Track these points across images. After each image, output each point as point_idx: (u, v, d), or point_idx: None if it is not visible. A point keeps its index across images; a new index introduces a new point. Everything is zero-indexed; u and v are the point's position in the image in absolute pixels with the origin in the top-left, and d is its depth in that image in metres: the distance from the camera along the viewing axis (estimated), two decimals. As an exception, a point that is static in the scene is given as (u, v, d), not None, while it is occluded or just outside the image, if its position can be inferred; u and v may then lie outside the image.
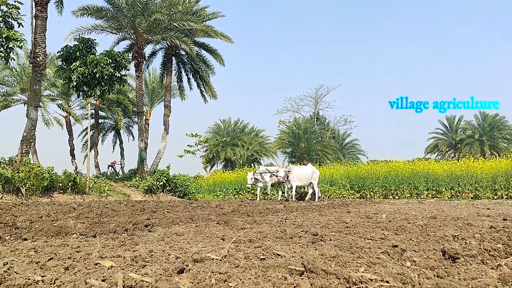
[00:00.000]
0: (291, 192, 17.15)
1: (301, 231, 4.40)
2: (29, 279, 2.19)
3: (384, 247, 3.23)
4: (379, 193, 22.66)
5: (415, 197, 21.43)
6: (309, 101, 52.52)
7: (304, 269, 2.38)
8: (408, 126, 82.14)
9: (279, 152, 44.14)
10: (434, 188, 21.81)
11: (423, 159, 27.47)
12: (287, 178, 16.66)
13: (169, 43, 25.49)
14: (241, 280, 2.20)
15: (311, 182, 17.49)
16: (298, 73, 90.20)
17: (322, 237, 3.86)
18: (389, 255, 2.98)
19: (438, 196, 21.36)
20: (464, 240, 3.76)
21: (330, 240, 3.78)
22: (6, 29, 13.88)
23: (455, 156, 45.23)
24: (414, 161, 25.25)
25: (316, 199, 17.65)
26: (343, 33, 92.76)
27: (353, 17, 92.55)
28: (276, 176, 17.48)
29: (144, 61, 25.24)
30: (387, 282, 2.16)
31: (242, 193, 25.46)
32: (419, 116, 76.31)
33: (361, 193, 23.27)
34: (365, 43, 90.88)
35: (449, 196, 20.98)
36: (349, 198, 21.98)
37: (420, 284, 2.19)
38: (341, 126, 50.97)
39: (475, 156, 28.50)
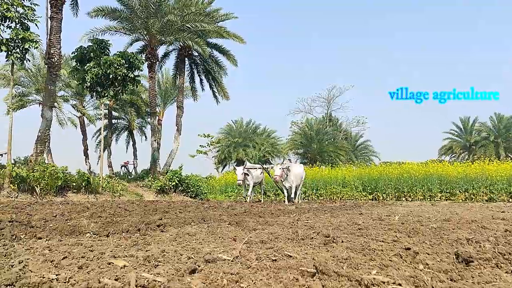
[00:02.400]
0: (289, 192, 15.20)
1: (313, 233, 4.39)
2: (44, 277, 2.22)
3: (396, 250, 3.21)
4: (391, 195, 22.51)
5: (429, 199, 21.24)
6: (321, 102, 52.31)
7: (315, 270, 2.37)
8: (421, 128, 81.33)
9: (291, 153, 44.05)
10: (448, 190, 21.60)
11: (437, 161, 27.23)
12: (286, 176, 14.88)
13: (182, 44, 25.60)
14: (252, 281, 2.21)
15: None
16: (311, 74, 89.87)
17: (334, 239, 3.85)
18: (401, 257, 2.96)
19: (452, 198, 21.16)
20: (478, 243, 3.72)
21: (342, 242, 3.77)
22: (22, 30, 14.07)
23: (469, 158, 44.70)
24: (428, 163, 25.03)
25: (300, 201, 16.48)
26: (355, 33, 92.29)
27: (361, 16, 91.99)
28: (269, 174, 15.96)
29: (157, 62, 25.40)
30: (400, 285, 2.14)
31: (254, 194, 25.46)
32: (433, 117, 75.40)
33: (373, 194, 23.13)
34: (375, 43, 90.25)
35: (463, 199, 20.75)
36: (361, 200, 21.85)
37: (433, 287, 2.17)
38: (353, 127, 50.72)
39: (490, 158, 28.16)
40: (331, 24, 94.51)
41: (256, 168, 16.60)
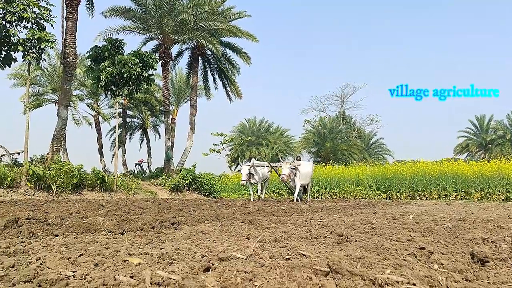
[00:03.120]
0: (297, 190, 14.46)
1: (326, 232, 4.39)
2: (61, 274, 2.25)
3: (410, 249, 3.19)
4: (405, 194, 22.34)
5: (443, 199, 21.03)
6: (335, 100, 52.25)
7: (329, 269, 2.37)
8: (436, 126, 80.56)
9: (304, 152, 43.95)
10: (463, 190, 21.35)
11: (452, 160, 26.95)
12: (294, 175, 14.10)
13: (195, 43, 25.74)
14: (266, 279, 2.22)
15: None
16: (324, 72, 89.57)
17: (347, 238, 3.84)
18: (416, 257, 2.94)
19: (467, 197, 20.91)
20: (494, 243, 3.67)
21: (356, 241, 3.75)
22: (38, 30, 14.26)
23: (485, 156, 44.11)
24: (443, 162, 24.78)
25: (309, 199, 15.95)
26: (368, 31, 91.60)
27: (376, 13, 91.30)
28: (277, 173, 15.11)
29: (171, 61, 25.58)
30: (414, 284, 2.13)
31: (267, 193, 25.45)
32: (448, 116, 74.82)
33: (387, 193, 22.99)
34: (390, 40, 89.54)
35: (479, 198, 20.50)
36: (375, 199, 21.73)
37: (448, 287, 2.16)
38: (367, 125, 50.48)
39: (506, 156, 27.74)
40: (344, 22, 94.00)
41: (263, 166, 15.83)
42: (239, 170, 15.93)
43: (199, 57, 26.86)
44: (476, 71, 76.46)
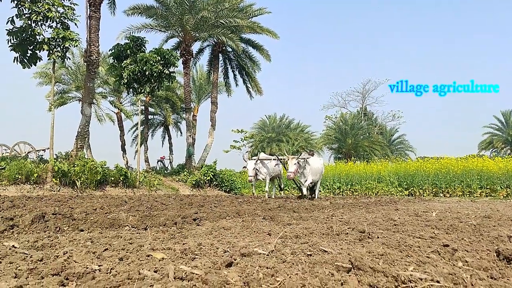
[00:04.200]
0: (305, 189, 13.30)
1: (348, 228, 4.37)
2: (87, 268, 2.31)
3: (434, 246, 3.15)
4: (428, 191, 22.03)
5: (468, 196, 20.65)
6: (356, 96, 51.81)
7: (351, 266, 2.37)
8: (460, 122, 79.09)
9: (325, 148, 43.70)
10: (488, 186, 20.93)
11: (476, 156, 26.44)
12: (302, 171, 12.82)
13: (216, 40, 25.82)
14: (288, 275, 2.23)
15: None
16: (345, 68, 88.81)
17: (369, 235, 3.82)
18: (439, 254, 2.91)
19: (492, 194, 20.49)
20: (521, 241, 3.60)
21: (378, 237, 3.73)
22: (62, 29, 14.52)
23: (511, 152, 43.08)
24: (467, 158, 24.34)
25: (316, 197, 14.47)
26: (389, 26, 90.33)
27: (398, 9, 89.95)
28: (285, 168, 13.70)
29: (192, 58, 25.69)
30: (438, 282, 2.11)
31: (288, 189, 25.40)
32: (472, 111, 73.25)
33: (409, 190, 22.71)
34: (406, 37, 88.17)
35: (505, 195, 20.06)
36: (397, 196, 21.48)
37: (472, 285, 2.13)
38: (389, 122, 49.89)
39: (533, 153, 27.08)
40: (367, 17, 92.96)
41: (270, 160, 14.61)
42: (244, 167, 15.11)
43: (220, 54, 26.95)
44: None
